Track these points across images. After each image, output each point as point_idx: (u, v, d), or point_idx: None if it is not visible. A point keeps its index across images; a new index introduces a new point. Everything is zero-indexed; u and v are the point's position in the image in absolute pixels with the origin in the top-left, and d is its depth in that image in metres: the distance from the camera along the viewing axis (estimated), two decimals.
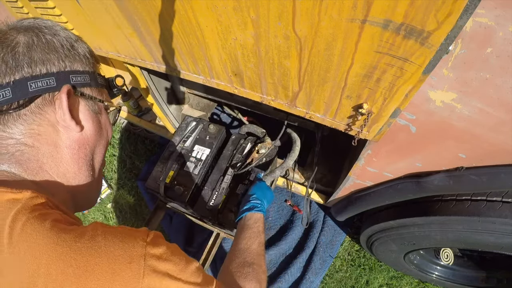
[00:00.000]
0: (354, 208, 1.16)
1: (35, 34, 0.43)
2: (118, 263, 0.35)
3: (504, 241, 0.87)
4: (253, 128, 1.39)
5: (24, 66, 0.41)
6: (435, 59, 0.49)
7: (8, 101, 0.40)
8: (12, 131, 0.41)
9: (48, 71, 0.43)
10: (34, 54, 0.42)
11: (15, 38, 0.42)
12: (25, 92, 0.41)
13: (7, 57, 0.40)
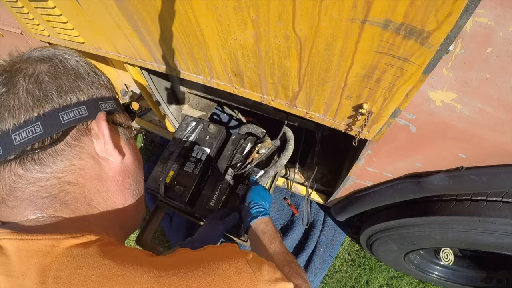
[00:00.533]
0: (354, 208, 1.16)
1: (57, 61, 0.40)
2: (229, 277, 0.34)
3: (504, 241, 0.87)
4: (253, 128, 1.39)
5: (53, 96, 0.37)
6: (435, 59, 0.49)
7: (39, 137, 0.36)
8: (52, 170, 0.37)
9: (78, 100, 0.40)
10: (61, 82, 0.39)
11: (35, 68, 0.38)
12: (57, 125, 0.37)
13: (33, 88, 0.37)
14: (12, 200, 0.37)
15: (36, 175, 0.37)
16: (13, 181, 0.36)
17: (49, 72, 0.39)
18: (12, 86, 0.36)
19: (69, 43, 1.32)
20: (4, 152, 0.36)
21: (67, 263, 0.32)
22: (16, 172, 0.36)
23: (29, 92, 0.36)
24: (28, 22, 1.37)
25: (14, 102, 0.36)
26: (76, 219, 0.38)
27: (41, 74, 0.38)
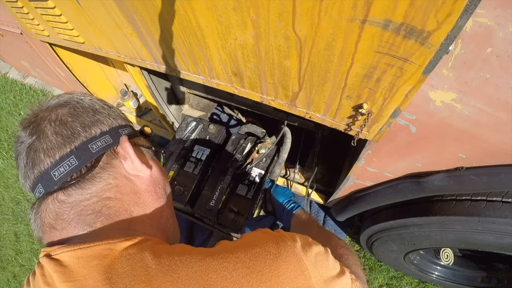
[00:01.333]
0: (354, 208, 1.16)
1: (74, 103, 0.45)
2: (270, 245, 0.37)
3: (504, 241, 0.87)
4: (253, 128, 1.39)
5: (79, 132, 0.42)
6: (435, 59, 0.49)
7: (76, 168, 0.41)
8: (91, 191, 0.42)
9: (102, 131, 0.44)
10: (83, 119, 0.44)
11: (57, 113, 0.43)
12: (89, 155, 0.42)
13: (60, 129, 0.41)
14: (60, 223, 0.41)
15: (78, 198, 0.41)
16: (58, 207, 0.40)
17: (70, 113, 0.43)
18: (41, 133, 0.41)
19: (69, 43, 1.32)
20: (45, 190, 0.41)
21: (127, 261, 0.36)
22: (59, 199, 0.40)
23: (57, 133, 0.41)
24: (28, 22, 1.36)
25: (46, 144, 0.41)
26: (122, 228, 0.43)
27: (63, 117, 0.43)
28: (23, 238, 2.26)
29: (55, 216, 0.40)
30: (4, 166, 2.71)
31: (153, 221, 0.47)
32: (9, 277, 2.16)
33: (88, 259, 0.35)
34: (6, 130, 2.96)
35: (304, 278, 0.35)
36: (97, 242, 0.37)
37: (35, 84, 3.24)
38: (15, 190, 2.52)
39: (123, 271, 0.34)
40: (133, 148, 0.45)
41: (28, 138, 0.42)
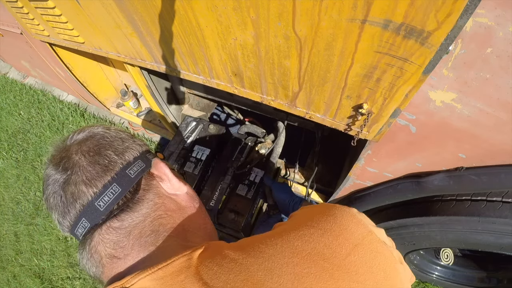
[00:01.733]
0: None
1: (100, 135, 0.45)
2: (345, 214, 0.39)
3: (504, 241, 0.87)
4: (253, 128, 1.39)
5: (116, 159, 0.43)
6: (435, 59, 0.49)
7: (121, 195, 0.41)
8: (143, 212, 0.42)
9: (134, 156, 0.45)
10: (115, 147, 0.44)
11: (87, 145, 0.43)
12: (130, 180, 0.42)
13: (95, 159, 0.41)
14: (121, 251, 0.40)
15: (133, 222, 0.41)
16: (114, 235, 0.40)
17: (100, 144, 0.44)
18: (75, 166, 0.41)
19: (69, 43, 1.32)
20: (92, 223, 0.40)
21: (210, 263, 0.35)
22: (113, 226, 0.40)
23: (94, 163, 0.41)
24: (28, 22, 1.36)
25: (85, 175, 0.40)
26: (182, 242, 0.44)
27: (95, 147, 0.43)
28: (23, 238, 2.26)
29: (114, 245, 0.40)
30: (4, 166, 2.71)
31: (201, 231, 0.49)
32: (9, 277, 2.16)
33: (174, 276, 0.35)
34: (6, 130, 2.96)
35: (363, 226, 0.38)
36: (173, 257, 0.37)
37: (35, 84, 3.25)
38: (15, 190, 2.52)
39: (213, 272, 0.34)
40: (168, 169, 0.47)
41: (62, 174, 0.41)
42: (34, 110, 2.95)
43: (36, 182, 2.47)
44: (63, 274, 2.02)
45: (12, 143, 2.83)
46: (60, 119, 2.76)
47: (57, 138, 0.47)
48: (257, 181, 1.18)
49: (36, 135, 2.76)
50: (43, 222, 2.25)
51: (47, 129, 2.72)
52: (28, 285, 2.06)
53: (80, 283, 1.95)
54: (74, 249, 2.09)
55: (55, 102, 2.92)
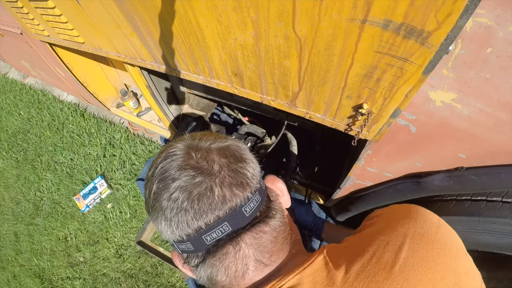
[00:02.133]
0: (354, 208, 1.16)
1: (236, 145, 0.45)
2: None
3: (504, 241, 0.87)
4: (253, 128, 1.39)
5: (252, 171, 0.43)
6: (435, 59, 0.49)
7: (261, 203, 0.42)
8: (281, 220, 0.45)
9: (259, 169, 0.46)
10: (248, 159, 0.45)
11: (228, 153, 0.42)
12: (263, 191, 0.44)
13: (238, 167, 0.41)
14: (269, 257, 0.42)
15: (278, 228, 0.43)
16: (265, 239, 0.41)
17: (237, 153, 0.43)
18: (222, 170, 0.39)
19: (69, 43, 1.32)
20: (233, 228, 0.39)
21: (340, 259, 0.41)
22: (264, 231, 0.41)
23: (237, 171, 0.41)
24: (28, 22, 1.37)
25: (235, 180, 0.39)
26: (301, 248, 0.49)
27: (235, 156, 0.42)
28: (23, 238, 2.27)
29: (262, 250, 0.41)
30: (4, 166, 2.71)
31: (295, 235, 0.51)
32: (9, 277, 2.16)
33: (320, 271, 0.40)
34: (6, 130, 2.96)
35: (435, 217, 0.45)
36: (312, 256, 0.41)
37: (35, 84, 3.25)
38: (15, 190, 2.52)
39: (347, 263, 0.39)
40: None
41: (205, 177, 0.38)
42: (34, 110, 2.96)
43: (36, 182, 2.48)
44: (63, 274, 2.03)
45: (12, 143, 2.83)
46: (60, 119, 2.76)
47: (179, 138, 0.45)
48: None
49: (36, 135, 2.76)
50: (43, 222, 2.25)
51: (47, 129, 2.73)
52: (28, 285, 2.07)
53: (80, 283, 1.95)
54: (74, 249, 2.09)
55: (55, 102, 2.92)
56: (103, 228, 2.09)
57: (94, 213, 2.16)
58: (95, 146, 2.44)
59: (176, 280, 1.78)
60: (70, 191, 2.32)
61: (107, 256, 1.98)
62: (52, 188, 2.38)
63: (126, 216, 2.07)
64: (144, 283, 1.82)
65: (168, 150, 0.41)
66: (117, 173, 2.26)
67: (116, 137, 2.44)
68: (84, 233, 2.12)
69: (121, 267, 1.91)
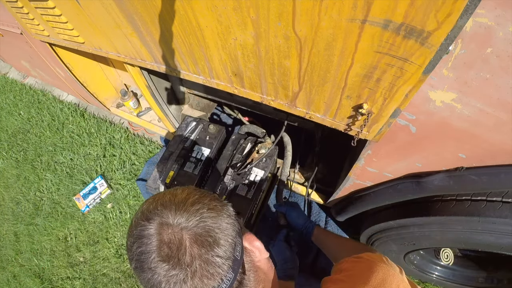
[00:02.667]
0: (354, 208, 1.16)
1: (211, 221, 0.46)
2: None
3: (504, 241, 0.87)
4: (253, 128, 1.39)
5: (228, 247, 0.45)
6: (435, 59, 0.49)
7: (234, 280, 0.45)
8: (251, 286, 0.49)
9: (236, 235, 0.49)
10: (226, 234, 0.47)
11: (201, 238, 0.44)
12: (238, 263, 0.47)
13: (212, 252, 0.43)
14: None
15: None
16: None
17: (211, 232, 0.45)
18: (194, 261, 0.42)
19: (69, 43, 1.32)
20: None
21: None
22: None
23: (210, 256, 0.43)
24: (28, 22, 1.36)
25: (206, 270, 0.42)
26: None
27: (208, 238, 0.44)
28: (23, 238, 2.26)
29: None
30: (4, 166, 2.71)
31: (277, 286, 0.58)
32: (9, 277, 2.16)
33: None
34: (6, 130, 2.96)
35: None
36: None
37: (35, 84, 3.25)
38: (15, 190, 2.52)
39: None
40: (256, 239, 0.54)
41: (180, 270, 0.41)
42: (34, 110, 2.95)
43: (36, 182, 2.47)
44: (63, 274, 2.02)
45: (12, 143, 2.83)
46: (60, 119, 2.75)
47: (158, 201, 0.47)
48: (257, 181, 1.18)
49: (36, 135, 2.76)
50: (43, 222, 2.25)
51: (47, 129, 2.72)
52: (28, 285, 2.06)
53: (80, 283, 1.95)
54: (74, 249, 2.09)
55: (55, 102, 2.92)
56: (103, 228, 2.09)
57: (94, 213, 2.16)
58: (95, 146, 2.44)
59: None
60: (70, 191, 2.31)
61: (107, 256, 1.98)
62: (52, 188, 2.38)
63: (126, 216, 2.07)
64: None
65: (141, 229, 0.44)
66: (117, 173, 2.25)
67: (116, 137, 2.44)
68: (84, 233, 2.12)
69: (121, 267, 1.91)
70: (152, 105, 1.52)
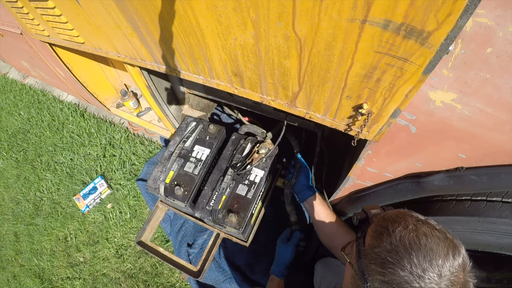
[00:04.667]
0: (354, 208, 1.16)
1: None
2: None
3: (504, 241, 0.87)
4: (253, 128, 1.39)
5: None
6: (435, 59, 0.49)
7: None
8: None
9: None
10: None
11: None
12: None
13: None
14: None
15: None
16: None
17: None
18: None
19: (69, 43, 1.32)
20: None
21: None
22: None
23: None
24: (28, 22, 1.37)
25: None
26: None
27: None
28: (23, 238, 2.26)
29: None
30: (4, 166, 2.71)
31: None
32: (9, 277, 2.16)
33: None
34: (6, 130, 2.96)
35: None
36: None
37: (35, 84, 3.25)
38: (15, 190, 2.52)
39: None
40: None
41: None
42: (34, 110, 2.96)
43: (36, 182, 2.47)
44: (63, 274, 2.02)
45: (12, 143, 2.83)
46: (60, 119, 2.76)
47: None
48: (257, 181, 1.18)
49: (36, 135, 2.76)
50: (43, 222, 2.25)
51: (47, 129, 2.72)
52: (28, 285, 2.06)
53: (80, 283, 1.95)
54: (74, 249, 2.09)
55: (55, 102, 2.92)
56: (103, 228, 2.09)
57: (94, 213, 2.16)
58: (95, 146, 2.44)
59: (176, 280, 1.78)
60: (70, 191, 2.32)
61: (107, 256, 1.98)
62: (52, 188, 2.38)
63: (126, 216, 2.07)
64: (144, 283, 1.82)
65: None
66: (117, 173, 2.25)
67: (116, 137, 2.44)
68: (84, 233, 2.12)
69: (121, 267, 1.91)
70: (152, 105, 1.52)
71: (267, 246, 1.68)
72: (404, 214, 0.58)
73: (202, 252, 1.22)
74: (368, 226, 0.62)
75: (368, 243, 0.58)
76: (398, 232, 0.52)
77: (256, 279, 1.61)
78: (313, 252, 1.52)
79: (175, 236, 1.81)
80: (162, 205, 1.34)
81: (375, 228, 0.58)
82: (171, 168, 1.22)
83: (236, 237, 1.19)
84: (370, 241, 0.57)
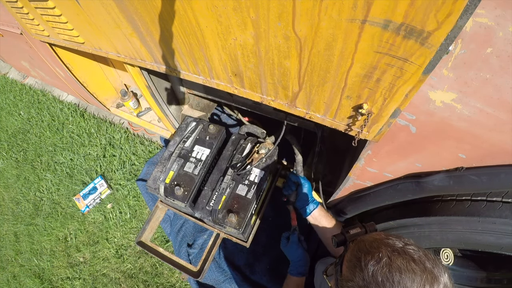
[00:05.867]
0: (354, 209, 1.16)
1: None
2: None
3: (504, 241, 0.87)
4: (253, 129, 1.39)
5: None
6: (435, 59, 0.49)
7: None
8: None
9: None
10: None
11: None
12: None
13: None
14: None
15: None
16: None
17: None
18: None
19: (69, 43, 1.32)
20: None
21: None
22: None
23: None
24: (28, 22, 1.37)
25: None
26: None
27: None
28: (23, 238, 2.26)
29: None
30: (4, 166, 2.70)
31: None
32: (9, 277, 2.16)
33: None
34: (6, 130, 2.96)
35: None
36: None
37: (35, 84, 3.25)
38: (15, 190, 2.52)
39: None
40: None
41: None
42: (34, 110, 2.95)
43: (36, 182, 2.47)
44: (63, 274, 2.02)
45: (12, 143, 2.83)
46: (60, 119, 2.76)
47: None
48: (257, 181, 1.18)
49: (36, 135, 2.76)
50: (43, 222, 2.25)
51: (47, 129, 2.72)
52: (28, 285, 2.06)
53: (80, 283, 1.95)
54: (74, 249, 2.09)
55: (55, 102, 2.92)
56: (103, 228, 2.09)
57: (94, 213, 2.16)
58: (95, 146, 2.44)
59: (176, 280, 1.78)
60: (70, 191, 2.31)
61: (107, 256, 1.98)
62: (52, 188, 2.38)
63: (126, 216, 2.07)
64: (144, 283, 1.82)
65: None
66: (117, 173, 2.25)
67: (116, 137, 2.44)
68: (84, 233, 2.12)
69: (121, 267, 1.91)
70: (152, 105, 1.52)
71: (267, 246, 1.68)
72: (380, 243, 0.56)
73: (202, 252, 1.22)
74: (346, 251, 0.62)
75: (344, 273, 0.57)
76: (370, 267, 0.52)
77: (256, 279, 1.61)
78: (313, 252, 1.52)
79: (175, 236, 1.81)
80: (162, 205, 1.34)
81: (350, 257, 0.58)
82: (171, 168, 1.22)
83: (236, 237, 1.19)
84: (345, 272, 0.57)
